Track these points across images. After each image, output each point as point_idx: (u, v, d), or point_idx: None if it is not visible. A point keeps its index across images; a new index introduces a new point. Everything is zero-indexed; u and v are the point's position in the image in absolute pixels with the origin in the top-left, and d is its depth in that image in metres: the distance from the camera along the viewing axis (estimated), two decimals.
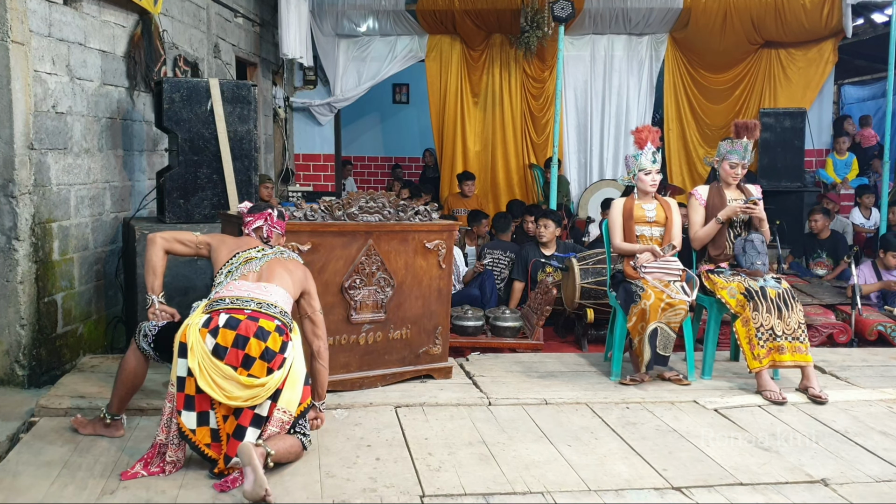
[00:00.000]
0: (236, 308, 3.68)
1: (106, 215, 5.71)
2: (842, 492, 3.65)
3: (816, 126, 11.03)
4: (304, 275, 4.11)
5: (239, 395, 3.55)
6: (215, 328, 3.58)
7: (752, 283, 5.07)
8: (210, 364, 3.53)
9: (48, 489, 3.46)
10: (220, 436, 3.60)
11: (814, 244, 8.73)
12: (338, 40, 10.84)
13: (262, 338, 3.59)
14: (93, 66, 5.49)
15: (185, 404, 3.58)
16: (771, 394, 4.90)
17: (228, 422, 3.60)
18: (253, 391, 3.56)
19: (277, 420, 3.64)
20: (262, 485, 3.29)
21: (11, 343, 4.73)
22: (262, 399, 3.60)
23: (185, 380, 3.58)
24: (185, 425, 3.58)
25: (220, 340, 3.56)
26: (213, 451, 3.60)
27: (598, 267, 6.55)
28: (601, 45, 10.94)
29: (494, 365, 5.58)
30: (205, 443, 3.59)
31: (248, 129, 5.68)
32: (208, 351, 3.55)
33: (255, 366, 3.56)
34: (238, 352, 3.55)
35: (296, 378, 3.72)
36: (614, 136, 11.04)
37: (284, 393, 3.65)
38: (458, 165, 10.86)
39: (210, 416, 3.59)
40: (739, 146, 5.33)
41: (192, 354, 3.55)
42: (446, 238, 5.11)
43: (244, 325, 3.60)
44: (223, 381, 3.53)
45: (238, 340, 3.56)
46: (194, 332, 3.59)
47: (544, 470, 3.81)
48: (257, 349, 3.57)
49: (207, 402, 3.58)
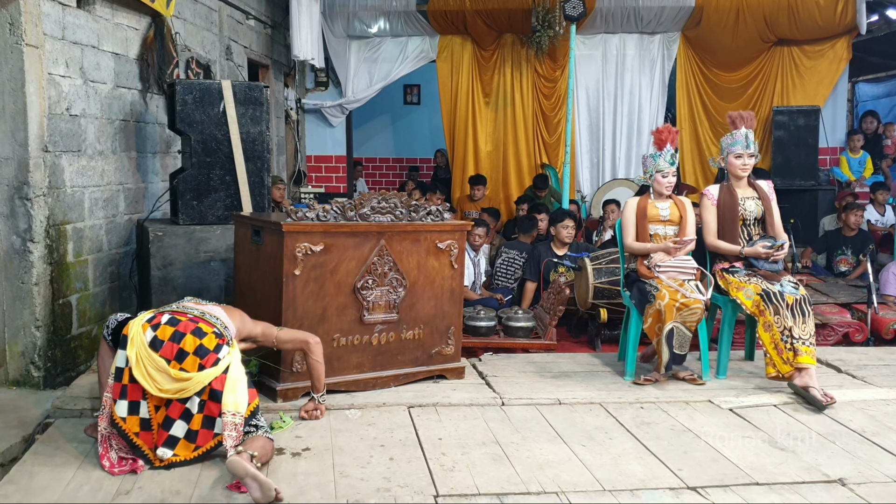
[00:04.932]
0: (180, 312, 3.92)
1: (120, 217, 5.73)
2: (859, 491, 3.61)
3: (830, 124, 10.96)
4: (243, 318, 4.25)
5: (168, 388, 3.69)
6: (157, 324, 3.78)
7: (769, 286, 5.03)
8: (146, 355, 3.70)
9: (64, 490, 3.47)
10: (152, 425, 3.74)
11: (839, 241, 8.62)
12: (349, 42, 10.86)
13: (198, 335, 3.78)
14: (106, 69, 5.52)
15: (119, 393, 3.74)
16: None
17: (160, 412, 3.75)
18: (181, 384, 3.69)
19: (230, 423, 3.70)
20: (269, 488, 3.33)
21: (27, 344, 4.75)
22: (190, 394, 3.71)
23: (123, 370, 3.74)
24: (116, 413, 3.72)
25: (158, 334, 3.74)
26: (141, 440, 3.72)
27: (611, 266, 6.52)
28: (613, 44, 10.90)
29: (507, 365, 5.57)
30: (133, 431, 3.72)
31: (261, 130, 5.69)
32: (146, 342, 3.71)
33: (187, 360, 3.71)
34: (173, 345, 3.72)
35: (235, 382, 3.79)
36: (626, 135, 11.01)
37: (226, 396, 3.73)
38: (470, 166, 10.84)
39: (141, 406, 3.74)
40: (740, 136, 5.30)
41: (131, 345, 3.72)
42: (458, 238, 5.10)
43: (184, 324, 3.81)
44: (155, 373, 3.69)
45: (175, 336, 3.74)
46: (136, 325, 3.78)
47: (558, 470, 3.80)
48: (192, 345, 3.74)
49: (139, 392, 3.73)
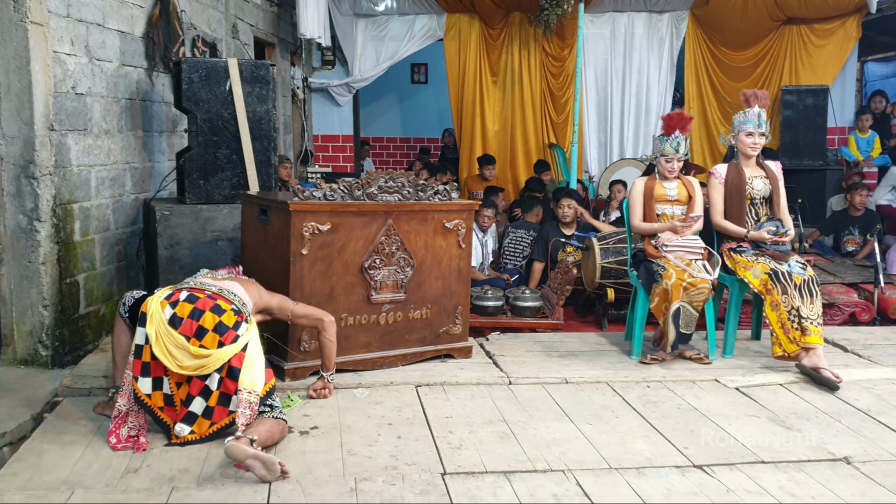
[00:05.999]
0: (198, 288, 3.91)
1: (126, 196, 5.74)
2: (864, 470, 3.62)
3: (839, 103, 10.88)
4: (260, 291, 4.26)
5: (188, 365, 3.70)
6: (175, 301, 3.78)
7: (777, 265, 5.02)
8: (166, 332, 3.70)
9: (72, 468, 3.49)
10: (175, 401, 3.78)
11: (846, 221, 8.59)
12: (356, 20, 10.81)
13: (217, 313, 3.78)
14: (111, 47, 5.50)
15: (141, 371, 3.75)
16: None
17: (182, 388, 3.78)
18: (201, 361, 3.70)
19: (245, 401, 3.70)
20: (273, 463, 3.35)
21: (35, 324, 4.77)
22: (210, 370, 3.72)
23: (143, 347, 3.75)
24: (140, 390, 3.75)
25: (177, 311, 3.74)
26: (166, 414, 3.78)
27: (618, 246, 6.51)
28: (621, 22, 10.82)
29: (514, 344, 5.57)
30: (158, 406, 3.77)
31: (267, 109, 5.68)
32: (165, 320, 3.72)
33: (206, 337, 3.71)
34: (193, 322, 3.72)
35: (253, 360, 3.80)
36: (635, 114, 10.95)
37: (244, 373, 3.73)
38: (478, 145, 10.81)
39: (164, 382, 3.76)
40: (752, 115, 5.27)
41: (150, 323, 3.72)
42: (466, 218, 5.10)
43: (202, 301, 3.81)
44: (175, 350, 3.69)
45: (194, 312, 3.75)
46: (155, 302, 3.78)
47: (565, 448, 3.81)
48: (211, 322, 3.74)
49: (161, 369, 3.75)
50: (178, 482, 3.37)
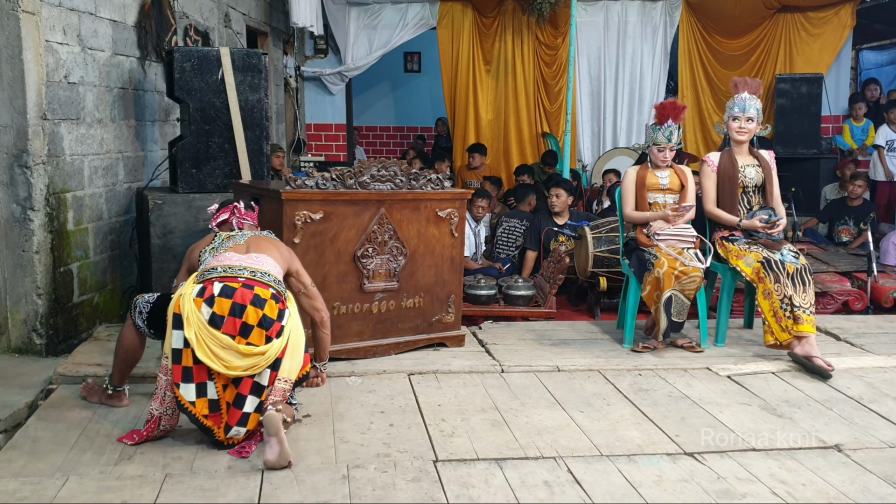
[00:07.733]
0: (229, 276, 3.60)
1: (119, 185, 5.73)
2: (855, 457, 3.64)
3: (833, 92, 10.89)
4: (290, 253, 4.07)
5: (238, 365, 3.50)
6: (210, 297, 3.51)
7: (770, 254, 5.03)
8: (207, 334, 3.47)
9: (67, 455, 3.51)
10: (220, 405, 3.55)
11: (842, 210, 8.60)
12: (348, 8, 10.78)
13: (258, 305, 3.54)
14: (104, 36, 5.48)
15: (182, 377, 3.50)
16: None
17: (228, 391, 3.56)
18: (253, 360, 3.52)
19: (279, 389, 3.59)
20: (286, 456, 3.36)
21: (29, 312, 4.77)
22: (263, 368, 3.55)
23: (182, 351, 3.50)
24: (183, 398, 3.50)
25: (216, 309, 3.49)
26: (211, 421, 3.54)
27: (610, 235, 6.52)
28: (615, 10, 10.81)
29: (507, 333, 5.59)
30: (203, 414, 3.52)
31: (259, 98, 5.67)
32: (205, 321, 3.48)
33: (253, 334, 3.51)
34: (235, 320, 3.49)
35: (296, 347, 3.68)
36: (628, 103, 10.94)
37: (285, 362, 3.62)
38: (471, 134, 10.81)
39: (208, 387, 3.53)
40: (739, 100, 5.29)
41: (188, 325, 3.47)
42: (458, 207, 5.10)
43: (240, 293, 3.53)
44: (221, 351, 3.47)
45: (235, 309, 3.50)
46: (189, 302, 3.51)
47: (556, 435, 3.83)
48: (255, 317, 3.52)
49: (205, 373, 3.52)
50: (171, 469, 3.39)
